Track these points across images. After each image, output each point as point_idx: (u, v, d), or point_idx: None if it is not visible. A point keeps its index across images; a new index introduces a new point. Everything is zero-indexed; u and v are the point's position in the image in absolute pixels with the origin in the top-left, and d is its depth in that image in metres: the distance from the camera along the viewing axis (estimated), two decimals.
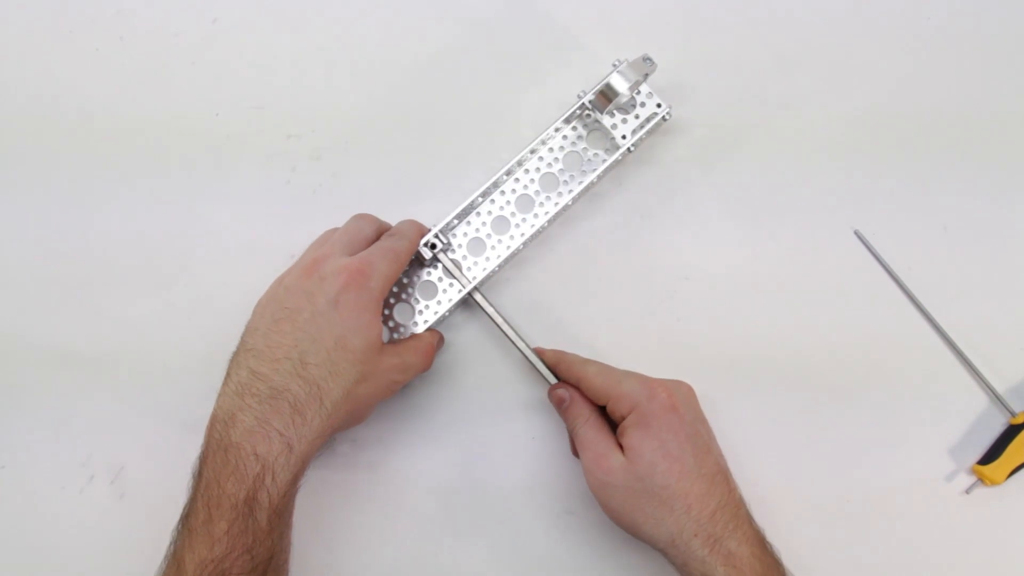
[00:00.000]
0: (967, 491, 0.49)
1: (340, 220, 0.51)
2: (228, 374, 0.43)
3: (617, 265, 0.53)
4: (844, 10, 0.56)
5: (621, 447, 0.44)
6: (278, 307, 0.43)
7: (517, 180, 0.52)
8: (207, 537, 0.38)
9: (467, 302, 0.52)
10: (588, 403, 0.47)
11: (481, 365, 0.52)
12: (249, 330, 0.44)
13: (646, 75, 0.49)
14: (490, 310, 0.50)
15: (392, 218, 0.51)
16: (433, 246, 0.50)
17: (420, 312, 0.51)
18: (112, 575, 0.50)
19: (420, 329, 0.51)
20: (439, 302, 0.51)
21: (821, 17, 0.56)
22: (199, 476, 0.41)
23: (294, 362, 0.41)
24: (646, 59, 0.49)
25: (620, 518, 0.43)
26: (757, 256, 0.53)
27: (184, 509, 0.41)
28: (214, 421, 0.42)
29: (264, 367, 0.41)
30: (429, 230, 0.50)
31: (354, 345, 0.42)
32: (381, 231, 0.49)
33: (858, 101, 0.55)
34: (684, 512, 0.41)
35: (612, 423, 0.46)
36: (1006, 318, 0.52)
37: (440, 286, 0.51)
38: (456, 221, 0.51)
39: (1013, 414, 0.50)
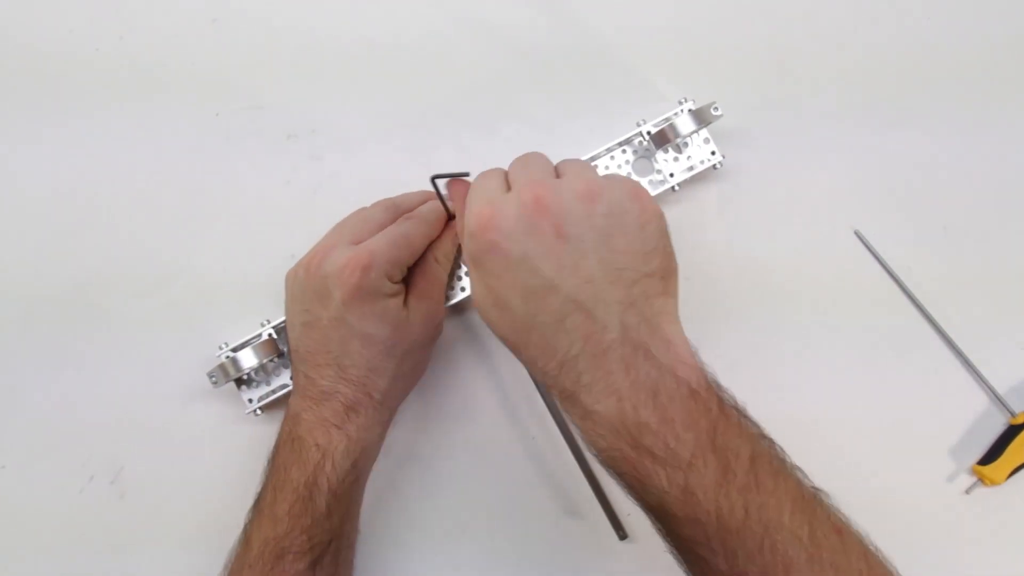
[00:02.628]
0: (967, 491, 0.49)
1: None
2: (293, 372, 0.46)
3: None
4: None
5: None
6: (301, 308, 0.44)
7: None
8: (271, 517, 0.41)
9: None
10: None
11: (481, 364, 0.52)
12: (289, 325, 0.46)
13: (709, 123, 0.50)
14: None
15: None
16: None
17: (458, 279, 0.50)
18: (112, 575, 0.50)
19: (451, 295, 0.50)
20: (452, 288, 0.50)
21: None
22: (272, 463, 0.44)
23: (334, 368, 0.43)
24: (714, 107, 0.49)
25: None
26: (757, 256, 0.53)
27: (258, 494, 0.44)
28: (286, 417, 0.44)
29: (312, 372, 0.43)
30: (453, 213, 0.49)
31: (380, 337, 0.43)
32: (401, 212, 0.48)
33: (861, 95, 0.55)
34: (531, 363, 0.36)
35: None
36: (1006, 318, 0.52)
37: (458, 272, 0.51)
38: None
39: (1013, 414, 0.50)
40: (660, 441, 0.33)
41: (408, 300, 0.45)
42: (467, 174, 0.44)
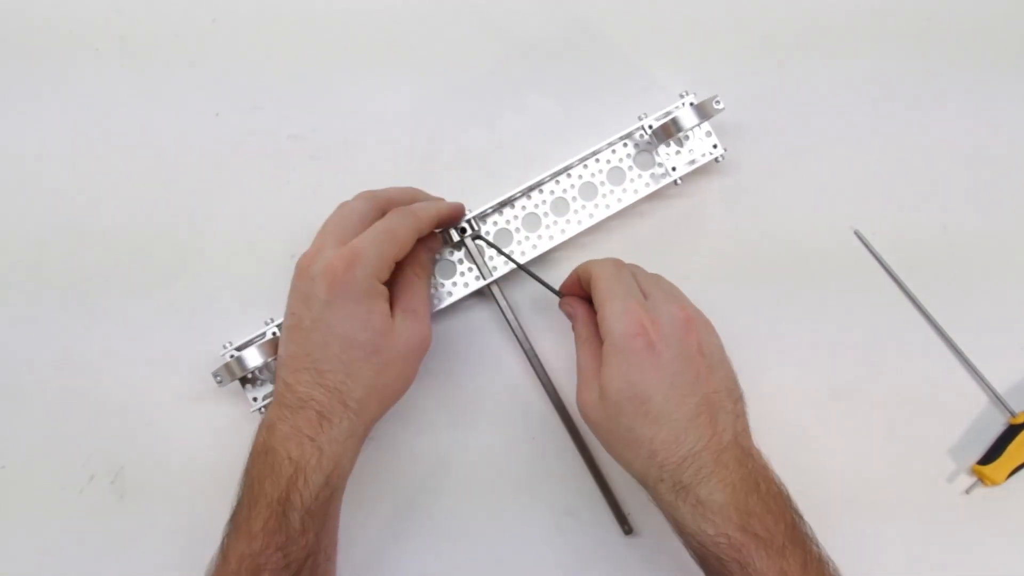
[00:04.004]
0: (967, 491, 0.49)
1: None
2: (275, 378, 0.45)
3: None
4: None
5: None
6: (288, 312, 0.44)
7: (557, 183, 0.52)
8: (247, 532, 0.40)
9: (481, 290, 0.52)
10: (591, 320, 0.44)
11: (482, 363, 0.52)
12: (281, 332, 0.46)
13: (710, 116, 0.50)
14: (503, 304, 0.51)
15: None
16: (463, 230, 0.50)
17: (434, 289, 0.51)
18: (112, 575, 0.50)
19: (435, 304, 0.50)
20: (455, 283, 0.51)
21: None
22: (246, 474, 0.43)
23: (311, 372, 0.42)
24: (715, 101, 0.49)
25: (604, 446, 0.43)
26: (757, 256, 0.53)
27: (233, 506, 0.43)
28: (261, 427, 0.44)
29: (290, 378, 0.43)
30: (450, 208, 0.49)
31: (361, 341, 0.42)
32: (390, 205, 0.47)
33: (861, 95, 0.55)
34: (649, 457, 0.40)
35: None
36: (1006, 318, 0.52)
37: (460, 268, 0.51)
38: (490, 211, 0.52)
39: (1013, 414, 0.50)
40: (763, 526, 0.38)
41: (394, 312, 0.45)
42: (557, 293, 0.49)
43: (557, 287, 0.48)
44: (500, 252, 0.50)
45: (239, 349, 0.49)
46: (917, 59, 0.56)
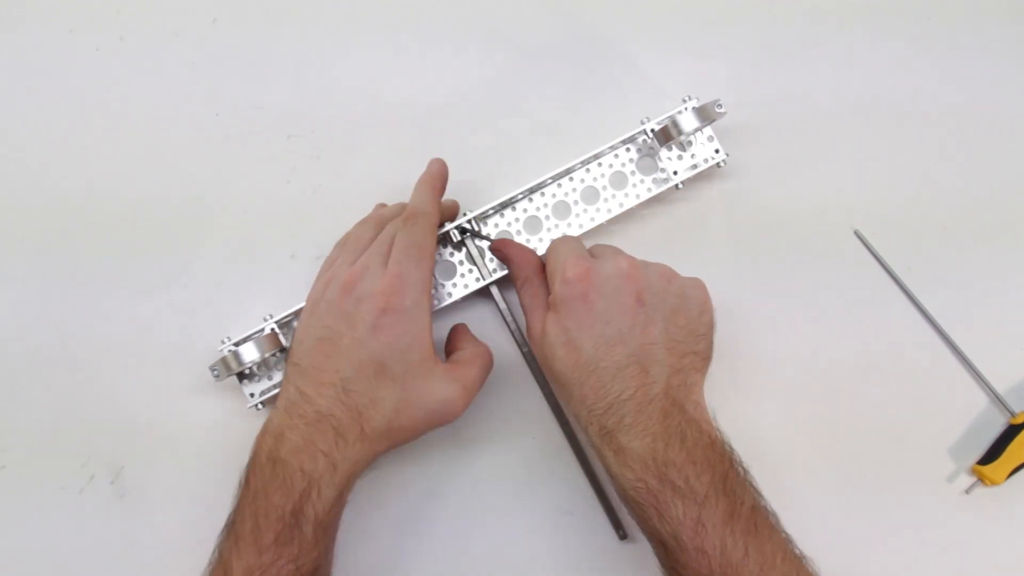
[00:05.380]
0: (967, 491, 0.49)
1: (340, 220, 0.51)
2: (281, 388, 0.44)
3: None
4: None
5: None
6: (320, 325, 0.43)
7: (559, 186, 0.52)
8: (254, 545, 0.39)
9: (480, 291, 0.52)
10: (531, 264, 0.47)
11: None
12: (297, 340, 0.45)
13: (712, 120, 0.50)
14: (503, 306, 0.51)
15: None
16: (464, 231, 0.50)
17: (435, 289, 0.51)
18: (112, 575, 0.50)
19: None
20: (455, 284, 0.51)
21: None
22: (246, 485, 0.42)
23: (337, 388, 0.42)
24: (717, 104, 0.49)
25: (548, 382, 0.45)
26: (757, 255, 0.53)
27: (230, 516, 0.42)
28: (264, 433, 0.43)
29: (309, 389, 0.42)
30: (444, 204, 0.49)
31: (396, 372, 0.42)
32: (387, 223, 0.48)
33: (860, 96, 0.55)
34: (580, 401, 0.42)
35: None
36: (1006, 318, 0.52)
37: (460, 269, 0.51)
38: (491, 212, 0.52)
39: (1013, 414, 0.50)
40: (682, 476, 0.38)
41: (448, 359, 0.47)
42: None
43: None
44: (476, 235, 0.50)
45: (237, 344, 0.49)
46: (917, 59, 0.56)
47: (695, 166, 0.52)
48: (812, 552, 0.40)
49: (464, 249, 0.51)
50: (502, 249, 0.49)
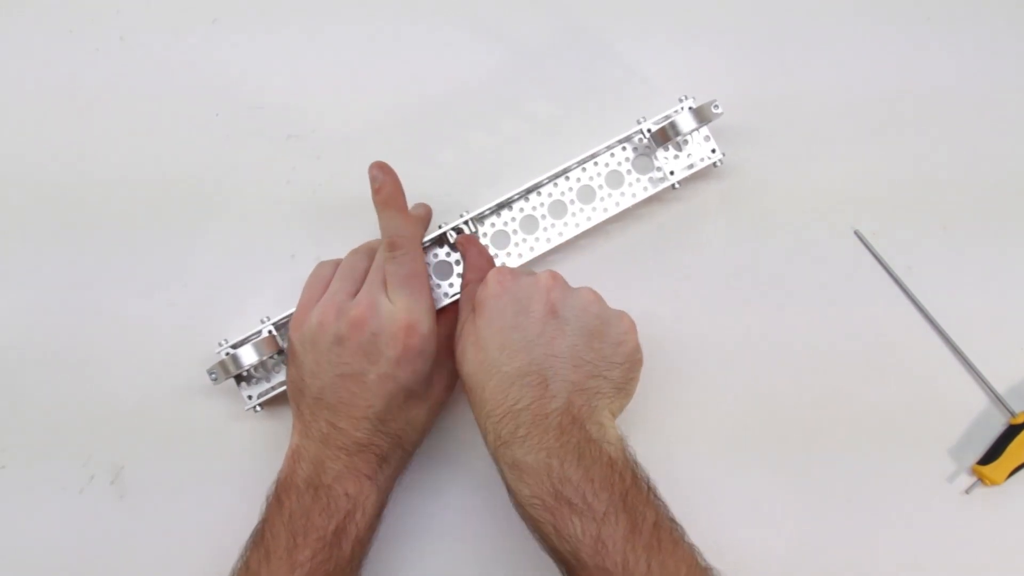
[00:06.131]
0: (967, 491, 0.49)
1: (340, 220, 0.51)
2: (304, 417, 0.45)
3: (619, 266, 0.53)
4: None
5: None
6: (337, 361, 0.44)
7: (555, 185, 0.52)
8: (288, 562, 0.40)
9: None
10: (481, 270, 0.48)
11: None
12: (309, 372, 0.44)
13: (709, 120, 0.50)
14: None
15: None
16: (460, 231, 0.51)
17: (431, 290, 0.50)
18: (112, 575, 0.50)
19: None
20: (451, 284, 0.51)
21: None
22: (278, 502, 0.43)
23: (373, 421, 0.44)
24: (714, 105, 0.49)
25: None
26: (757, 256, 0.53)
27: (258, 531, 0.42)
28: (298, 459, 0.44)
29: (343, 423, 0.43)
30: (416, 214, 0.50)
31: (421, 392, 0.46)
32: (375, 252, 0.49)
33: (858, 95, 0.55)
34: (480, 405, 0.42)
35: None
36: (1006, 318, 0.52)
37: (457, 269, 0.51)
38: (488, 212, 0.52)
39: (1013, 414, 0.50)
40: (579, 494, 0.38)
41: (448, 360, 0.48)
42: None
43: None
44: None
45: (235, 347, 0.49)
46: (917, 59, 0.56)
47: (691, 166, 0.52)
48: (813, 552, 0.40)
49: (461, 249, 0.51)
50: (463, 247, 0.50)
